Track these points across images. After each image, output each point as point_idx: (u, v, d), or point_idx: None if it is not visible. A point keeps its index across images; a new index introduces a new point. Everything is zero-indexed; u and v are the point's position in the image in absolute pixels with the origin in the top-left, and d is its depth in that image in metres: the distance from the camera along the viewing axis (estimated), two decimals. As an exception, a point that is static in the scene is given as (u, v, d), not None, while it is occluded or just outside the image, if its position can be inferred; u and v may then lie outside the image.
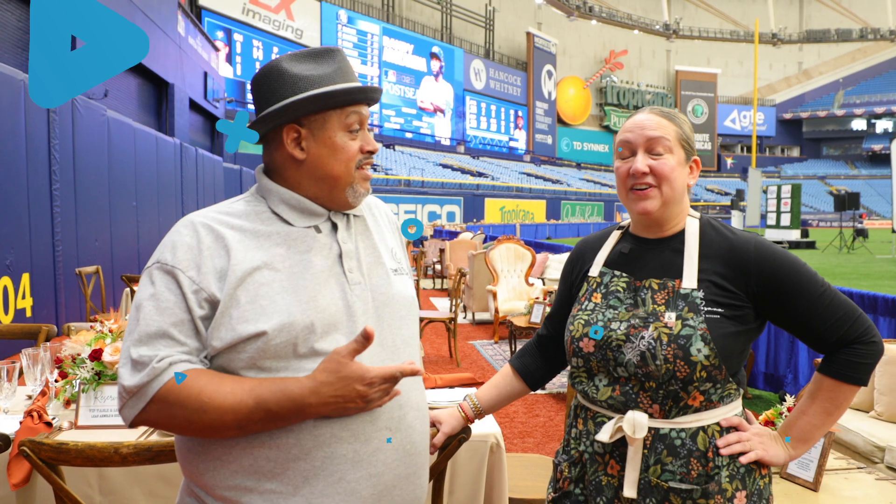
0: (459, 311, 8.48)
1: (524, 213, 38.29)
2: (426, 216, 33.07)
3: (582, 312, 1.38)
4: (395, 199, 31.87)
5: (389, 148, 40.59)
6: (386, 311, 1.23)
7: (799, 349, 4.72)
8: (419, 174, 36.06)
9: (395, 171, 35.77)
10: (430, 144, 44.83)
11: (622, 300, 1.34)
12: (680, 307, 1.26)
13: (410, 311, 1.30)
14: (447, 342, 6.71)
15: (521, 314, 6.43)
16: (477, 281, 8.14)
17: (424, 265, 13.68)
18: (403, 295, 1.28)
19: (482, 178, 41.18)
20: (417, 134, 44.62)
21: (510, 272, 7.48)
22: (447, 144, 46.25)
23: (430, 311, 8.06)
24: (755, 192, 32.01)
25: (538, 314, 5.90)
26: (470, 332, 7.92)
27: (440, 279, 12.96)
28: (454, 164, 42.15)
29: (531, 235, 27.96)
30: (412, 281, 1.37)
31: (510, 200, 38.29)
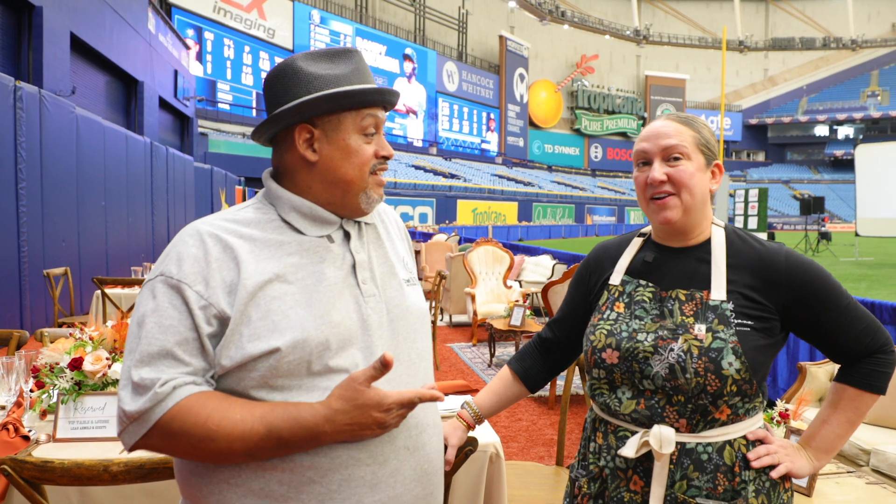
0: (437, 313, 8.43)
1: (496, 214, 38.45)
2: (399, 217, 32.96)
3: (604, 322, 1.34)
4: (367, 200, 31.70)
5: (362, 149, 40.31)
6: (400, 324, 1.18)
7: (777, 354, 4.74)
8: (391, 175, 35.97)
9: (367, 172, 35.57)
10: (402, 146, 44.74)
11: (648, 310, 1.30)
12: (710, 319, 1.23)
13: (424, 323, 1.25)
14: (426, 345, 6.65)
15: (500, 317, 6.41)
16: (455, 283, 8.10)
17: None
18: (417, 307, 1.23)
19: (454, 179, 41.24)
20: (390, 135, 44.49)
21: (488, 274, 7.46)
22: (419, 146, 46.22)
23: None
24: (723, 195, 32.52)
25: (518, 317, 5.88)
26: (448, 334, 7.87)
27: (415, 281, 12.89)
28: (426, 165, 42.14)
29: (503, 237, 28.07)
30: (421, 291, 1.31)
31: (482, 202, 38.41)
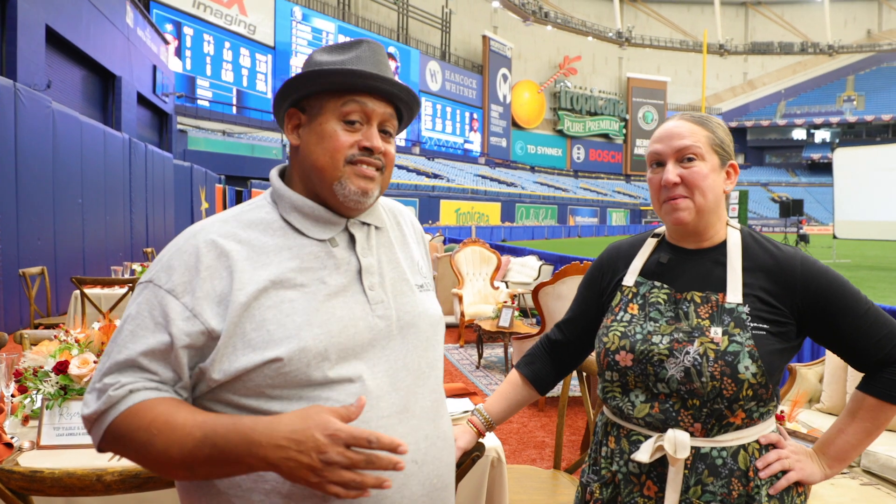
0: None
1: (479, 215, 38.48)
2: (381, 217, 32.80)
3: (617, 324, 1.32)
4: (349, 199, 31.52)
5: (344, 148, 40.10)
6: (412, 332, 1.12)
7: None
8: (374, 175, 35.80)
9: (349, 171, 35.38)
10: (385, 145, 44.59)
11: (662, 312, 1.29)
12: (726, 322, 1.22)
13: (437, 331, 1.19)
14: (412, 346, 6.60)
15: (488, 318, 6.38)
16: (441, 284, 8.06)
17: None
18: (430, 314, 1.18)
19: (437, 179, 41.19)
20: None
21: (475, 275, 7.42)
22: (402, 146, 46.10)
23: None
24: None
25: (507, 318, 5.85)
26: (433, 335, 7.82)
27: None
28: (409, 165, 42.04)
29: (486, 237, 28.08)
30: (436, 297, 1.26)
31: (465, 202, 38.40)
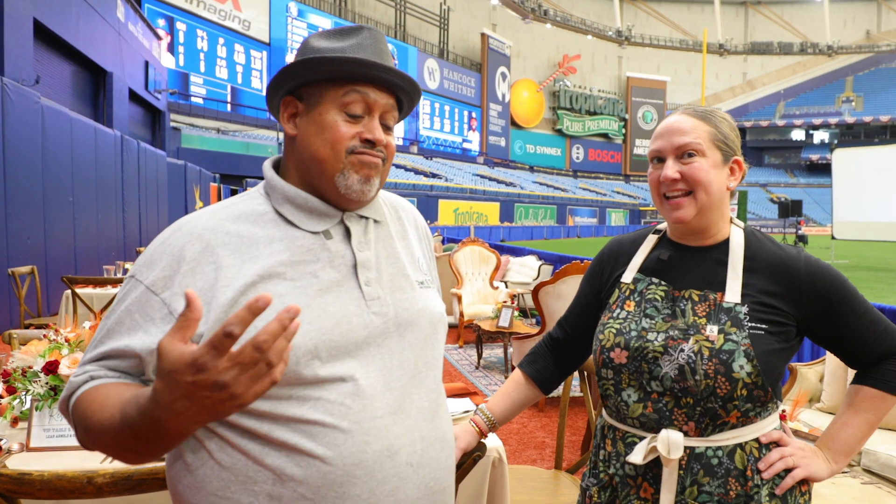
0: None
1: (478, 215, 38.43)
2: (379, 216, 32.76)
3: (613, 321, 1.30)
4: (348, 198, 31.45)
5: (342, 146, 40.03)
6: (410, 329, 1.08)
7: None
8: (372, 173, 35.74)
9: (348, 169, 35.31)
10: (383, 144, 44.54)
11: (659, 309, 1.27)
12: (722, 321, 1.21)
13: (437, 329, 1.14)
14: (411, 345, 6.55)
15: (488, 318, 6.33)
16: (440, 284, 8.01)
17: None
18: (430, 311, 1.13)
19: (436, 179, 41.15)
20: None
21: (475, 275, 7.37)
22: (400, 145, 46.05)
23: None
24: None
25: (506, 318, 5.81)
26: (432, 334, 7.77)
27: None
28: (407, 164, 41.99)
29: (485, 237, 28.06)
30: (439, 294, 1.21)
31: (464, 202, 38.35)
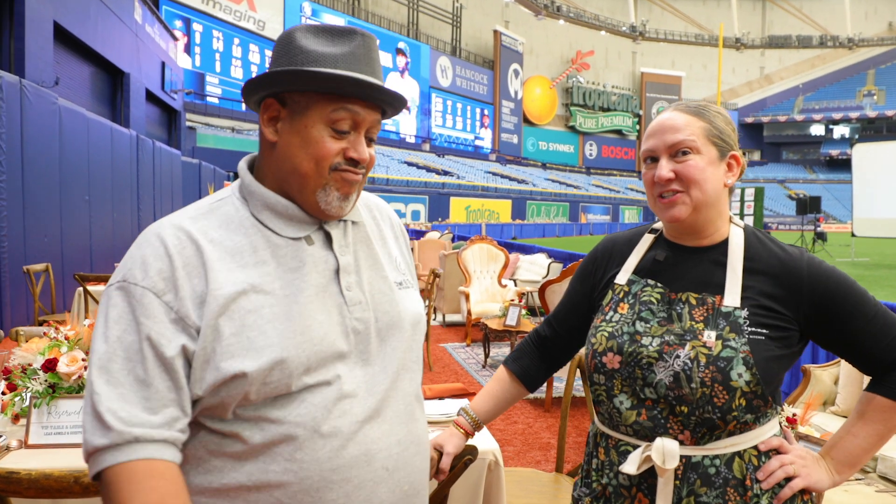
0: (431, 312, 8.30)
1: (490, 212, 38.34)
2: (391, 214, 32.77)
3: (606, 324, 1.25)
4: (359, 196, 31.50)
5: (354, 144, 40.06)
6: (391, 332, 1.08)
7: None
8: (384, 172, 35.77)
9: (359, 167, 35.33)
10: (394, 142, 44.55)
11: (654, 313, 1.21)
12: (721, 326, 1.15)
13: (417, 330, 1.14)
14: (419, 344, 6.54)
15: (495, 316, 6.31)
16: (448, 282, 7.99)
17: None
18: (410, 312, 1.12)
19: (448, 176, 41.10)
20: (382, 130, 43.97)
21: (483, 273, 7.35)
22: (412, 142, 46.04)
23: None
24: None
25: (514, 317, 5.79)
26: (441, 334, 7.76)
27: (408, 278, 12.76)
28: (419, 161, 41.97)
29: (497, 235, 27.99)
30: (418, 294, 1.20)
31: (476, 200, 38.28)
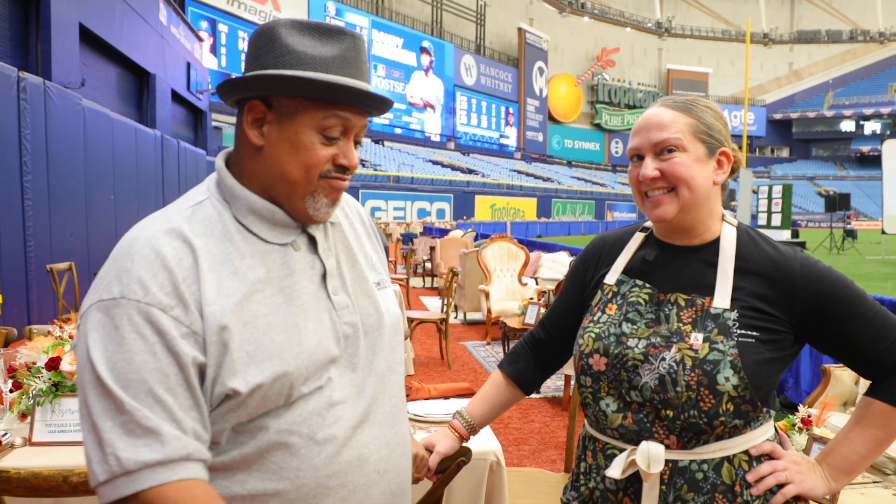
0: (450, 310, 8.28)
1: (515, 210, 38.21)
2: (416, 213, 32.89)
3: (593, 325, 1.22)
4: (384, 195, 31.66)
5: (378, 143, 40.32)
6: (375, 335, 1.07)
7: (801, 353, 4.57)
8: (409, 170, 35.86)
9: (384, 166, 35.54)
10: (419, 140, 44.64)
11: (642, 314, 1.18)
12: (709, 328, 1.11)
13: (397, 331, 1.14)
14: (438, 343, 6.53)
15: (514, 315, 6.26)
16: (469, 280, 7.95)
17: (414, 263, 13.48)
18: (391, 313, 1.12)
19: (472, 174, 41.04)
20: (407, 129, 44.39)
21: (503, 271, 7.30)
22: (437, 140, 46.08)
23: (420, 311, 7.88)
24: (746, 192, 32.07)
25: (532, 315, 5.72)
26: (461, 332, 7.73)
27: (430, 277, 12.75)
28: (444, 160, 41.98)
29: (522, 233, 27.86)
30: (393, 293, 1.20)
31: (501, 198, 38.18)
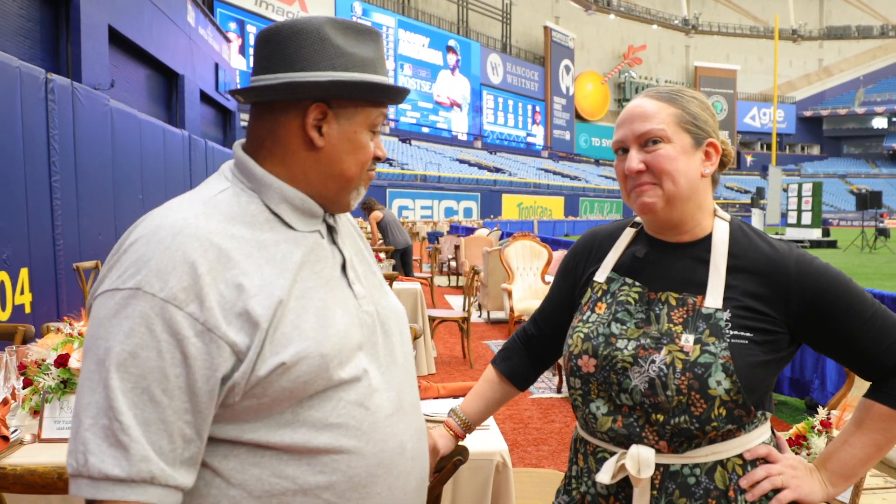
0: (474, 309, 8.22)
1: (542, 209, 37.98)
2: (443, 212, 32.88)
3: (582, 325, 1.18)
4: (411, 194, 31.71)
5: (405, 142, 40.43)
6: (390, 325, 1.09)
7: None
8: (435, 169, 35.87)
9: (410, 165, 35.62)
10: (446, 139, 44.64)
11: (632, 314, 1.14)
12: (700, 329, 1.07)
13: (406, 324, 1.16)
14: (461, 342, 6.48)
15: (537, 314, 6.19)
16: (492, 279, 7.89)
17: (439, 262, 13.45)
18: (399, 307, 1.16)
19: (499, 173, 40.91)
20: (434, 128, 44.43)
21: (526, 270, 7.22)
22: (464, 139, 46.04)
23: (443, 309, 7.83)
24: (775, 190, 31.48)
25: (555, 314, 5.65)
26: (485, 331, 7.68)
27: (455, 276, 12.71)
28: (471, 159, 41.92)
29: (549, 232, 27.68)
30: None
31: (528, 196, 37.99)
